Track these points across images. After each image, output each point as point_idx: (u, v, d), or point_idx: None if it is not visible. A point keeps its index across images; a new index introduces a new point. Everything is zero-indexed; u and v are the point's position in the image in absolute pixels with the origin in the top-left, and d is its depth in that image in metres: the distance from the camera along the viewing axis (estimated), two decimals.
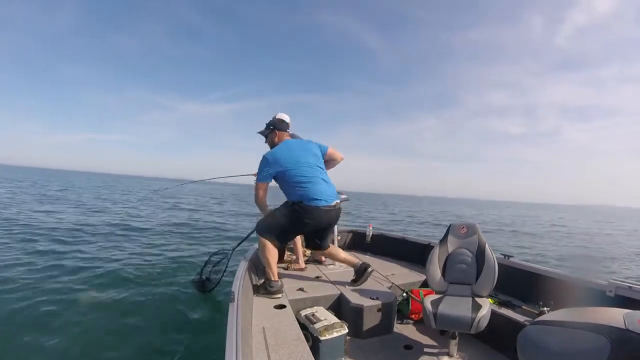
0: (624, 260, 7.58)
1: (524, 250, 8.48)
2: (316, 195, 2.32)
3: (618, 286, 1.90)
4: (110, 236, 7.00)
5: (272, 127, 2.62)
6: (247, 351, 1.35)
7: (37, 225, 7.36)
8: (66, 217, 9.03)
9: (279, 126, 2.61)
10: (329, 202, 2.37)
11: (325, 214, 2.38)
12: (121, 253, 5.57)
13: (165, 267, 4.85)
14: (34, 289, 3.59)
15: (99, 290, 3.74)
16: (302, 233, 2.71)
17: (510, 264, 2.50)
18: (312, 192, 2.32)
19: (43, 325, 2.83)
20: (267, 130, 2.64)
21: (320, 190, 2.35)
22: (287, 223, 2.36)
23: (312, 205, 2.31)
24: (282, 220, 2.37)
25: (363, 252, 3.82)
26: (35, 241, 5.90)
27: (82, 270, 4.40)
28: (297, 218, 2.35)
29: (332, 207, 2.39)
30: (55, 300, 3.36)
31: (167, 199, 17.76)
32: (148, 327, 2.94)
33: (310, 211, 2.32)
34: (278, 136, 2.59)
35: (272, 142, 2.62)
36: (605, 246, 10.14)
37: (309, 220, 2.35)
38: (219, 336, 1.51)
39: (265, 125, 2.66)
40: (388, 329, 2.21)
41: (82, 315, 3.07)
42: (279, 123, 2.62)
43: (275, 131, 2.60)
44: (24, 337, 2.61)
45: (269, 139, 2.64)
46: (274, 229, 2.37)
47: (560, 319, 1.27)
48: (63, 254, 5.18)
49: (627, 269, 6.68)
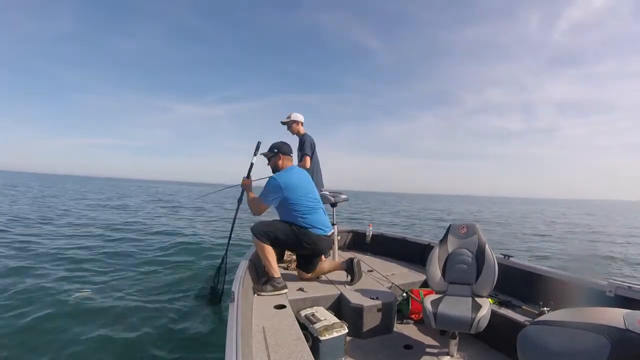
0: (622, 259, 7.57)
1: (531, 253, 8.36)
2: (317, 225, 2.52)
3: (618, 286, 1.90)
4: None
5: (276, 150, 2.65)
6: (247, 351, 1.35)
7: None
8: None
9: (283, 150, 2.65)
10: (327, 232, 2.59)
11: (324, 242, 2.59)
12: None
13: (165, 267, 4.86)
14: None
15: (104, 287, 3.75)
16: (297, 251, 2.75)
17: (510, 264, 2.50)
18: (314, 221, 2.51)
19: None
20: (272, 153, 2.67)
21: (321, 220, 2.57)
22: (285, 239, 2.47)
23: (313, 232, 2.49)
24: (280, 235, 2.46)
25: (363, 252, 3.82)
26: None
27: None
28: (296, 240, 2.48)
29: (328, 237, 2.62)
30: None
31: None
32: (147, 326, 2.94)
33: (311, 237, 2.49)
34: (282, 160, 2.63)
35: (275, 165, 2.67)
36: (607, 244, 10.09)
37: (307, 245, 2.51)
38: (219, 336, 1.51)
39: (269, 148, 2.70)
40: (388, 329, 2.21)
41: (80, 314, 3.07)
42: (283, 147, 2.67)
43: (280, 155, 2.64)
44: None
45: (272, 162, 2.69)
46: (270, 237, 2.44)
47: (560, 319, 1.27)
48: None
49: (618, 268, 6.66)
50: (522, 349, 1.26)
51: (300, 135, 3.56)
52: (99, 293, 3.64)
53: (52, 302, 3.26)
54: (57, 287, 3.71)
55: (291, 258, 3.13)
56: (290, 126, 3.55)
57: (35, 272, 4.20)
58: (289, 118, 3.54)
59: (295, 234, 2.47)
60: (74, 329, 2.78)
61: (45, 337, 2.66)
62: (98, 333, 2.75)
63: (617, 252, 8.33)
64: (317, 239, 2.52)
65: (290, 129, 3.56)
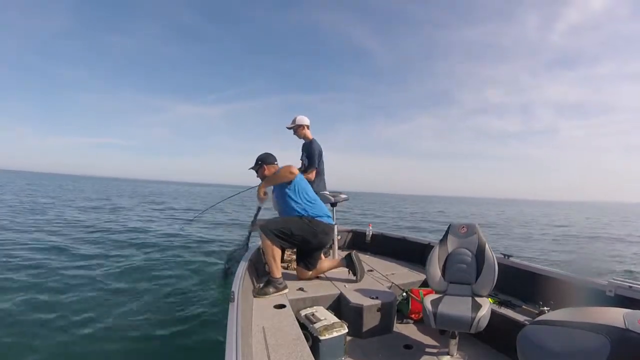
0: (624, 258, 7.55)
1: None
2: (326, 213, 2.63)
3: (618, 286, 1.90)
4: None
5: (260, 162, 2.74)
6: (247, 351, 1.35)
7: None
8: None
9: (267, 160, 2.74)
10: (333, 222, 2.69)
11: (332, 232, 2.67)
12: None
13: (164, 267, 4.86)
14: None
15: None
16: (305, 246, 2.70)
17: (510, 263, 2.50)
18: (322, 210, 2.61)
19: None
20: (257, 165, 2.75)
21: (326, 210, 2.66)
22: (300, 233, 2.47)
23: (324, 221, 2.57)
24: (295, 230, 2.46)
25: (363, 252, 3.82)
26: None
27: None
28: (311, 231, 2.50)
29: (333, 227, 2.71)
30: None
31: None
32: (146, 327, 2.94)
33: (323, 226, 2.56)
34: (268, 169, 2.72)
35: (263, 176, 2.74)
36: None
37: (322, 235, 2.56)
38: (219, 336, 1.51)
39: (255, 162, 2.77)
40: (388, 329, 2.21)
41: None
42: (267, 158, 2.74)
43: (264, 166, 2.72)
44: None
45: (260, 174, 2.76)
46: (283, 235, 2.43)
47: (560, 318, 1.27)
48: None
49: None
50: (522, 349, 1.26)
51: (307, 140, 3.41)
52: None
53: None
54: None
55: (291, 258, 3.14)
56: (296, 131, 3.42)
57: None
58: (294, 123, 3.40)
59: (308, 225, 2.49)
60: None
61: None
62: (97, 334, 2.75)
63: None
64: (328, 227, 2.60)
65: (296, 134, 3.43)
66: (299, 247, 2.63)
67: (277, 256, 2.40)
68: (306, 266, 2.68)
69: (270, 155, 2.78)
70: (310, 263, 2.67)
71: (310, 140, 3.39)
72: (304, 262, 2.68)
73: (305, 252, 2.68)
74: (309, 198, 2.58)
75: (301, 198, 2.53)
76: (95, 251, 5.62)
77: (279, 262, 2.41)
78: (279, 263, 2.41)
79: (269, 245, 2.39)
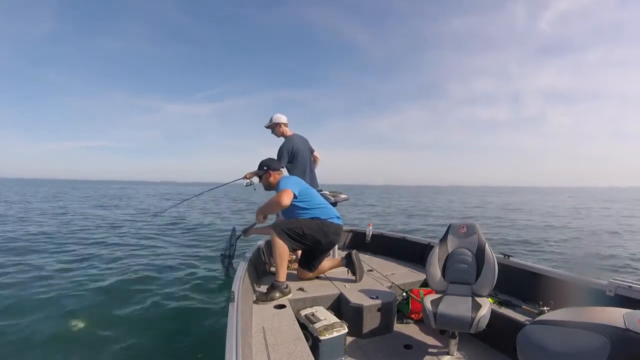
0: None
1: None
2: (335, 214, 2.58)
3: (618, 286, 1.90)
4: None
5: (265, 167, 2.64)
6: (247, 351, 1.35)
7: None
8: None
9: (272, 166, 2.64)
10: (342, 223, 2.62)
11: (342, 232, 2.64)
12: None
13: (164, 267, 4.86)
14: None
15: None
16: (315, 247, 2.64)
17: (510, 263, 2.49)
18: (331, 212, 2.56)
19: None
20: (261, 170, 2.65)
21: (334, 211, 2.60)
22: (312, 233, 2.42)
23: (334, 222, 2.53)
24: (307, 230, 2.40)
25: (363, 252, 3.81)
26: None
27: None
28: (322, 232, 2.45)
29: (342, 228, 2.64)
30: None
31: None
32: (145, 326, 2.94)
33: (335, 227, 2.53)
34: (273, 176, 2.62)
35: (267, 182, 2.64)
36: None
37: (332, 236, 2.52)
38: (219, 336, 1.50)
39: (258, 166, 2.67)
40: (388, 329, 2.21)
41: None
42: (272, 163, 2.66)
43: (270, 172, 2.62)
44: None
45: (264, 180, 2.66)
46: (295, 235, 2.37)
47: (560, 318, 1.27)
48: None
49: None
50: (522, 349, 1.27)
51: (286, 137, 3.33)
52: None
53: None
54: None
55: (291, 258, 3.13)
56: (273, 129, 3.35)
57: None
58: (271, 121, 3.35)
59: (320, 226, 2.45)
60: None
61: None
62: (97, 333, 2.75)
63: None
64: (339, 228, 2.58)
65: (274, 132, 3.36)
66: (309, 248, 2.55)
67: (285, 257, 2.34)
68: (309, 268, 2.65)
69: (274, 161, 2.73)
70: (314, 265, 2.65)
71: (286, 138, 3.31)
72: (309, 265, 2.65)
73: (312, 254, 2.63)
74: (318, 203, 2.54)
75: (310, 205, 2.49)
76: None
77: (285, 265, 2.35)
78: (286, 265, 2.35)
79: (281, 246, 2.31)
